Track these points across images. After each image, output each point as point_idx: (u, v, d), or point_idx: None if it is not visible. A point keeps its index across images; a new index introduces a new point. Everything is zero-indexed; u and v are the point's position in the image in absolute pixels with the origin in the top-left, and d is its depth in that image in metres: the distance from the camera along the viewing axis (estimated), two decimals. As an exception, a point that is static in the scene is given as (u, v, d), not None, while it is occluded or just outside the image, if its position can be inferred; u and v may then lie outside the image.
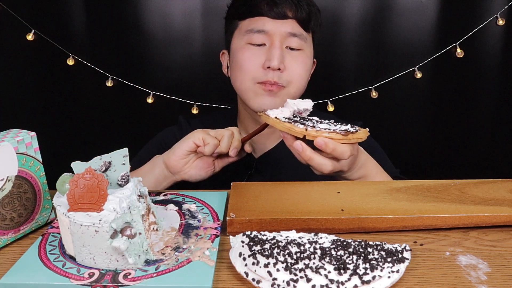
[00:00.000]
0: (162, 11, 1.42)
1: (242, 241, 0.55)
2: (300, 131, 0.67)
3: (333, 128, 0.69)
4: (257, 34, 0.92)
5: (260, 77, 0.92)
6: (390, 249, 0.53)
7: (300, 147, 0.68)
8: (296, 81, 0.94)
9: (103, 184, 0.52)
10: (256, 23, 0.92)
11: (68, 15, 1.41)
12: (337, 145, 0.67)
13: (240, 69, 0.94)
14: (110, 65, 1.45)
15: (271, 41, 0.92)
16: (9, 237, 0.62)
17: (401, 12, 1.42)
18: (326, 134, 0.66)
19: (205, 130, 0.81)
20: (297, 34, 0.92)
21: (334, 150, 0.67)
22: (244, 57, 0.93)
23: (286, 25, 0.92)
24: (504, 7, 1.41)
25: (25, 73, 1.45)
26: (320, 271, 0.48)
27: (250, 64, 0.93)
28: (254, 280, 0.50)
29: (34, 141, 0.64)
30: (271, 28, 0.91)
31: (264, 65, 0.91)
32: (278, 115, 0.72)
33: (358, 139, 0.69)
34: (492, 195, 0.69)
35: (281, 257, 0.50)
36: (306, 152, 0.68)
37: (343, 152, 0.68)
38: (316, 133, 0.66)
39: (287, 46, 0.93)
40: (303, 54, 0.94)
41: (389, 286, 0.49)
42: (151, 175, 0.85)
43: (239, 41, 0.95)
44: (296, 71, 0.93)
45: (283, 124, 0.69)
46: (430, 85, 1.50)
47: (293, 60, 0.93)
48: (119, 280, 0.50)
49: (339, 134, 0.67)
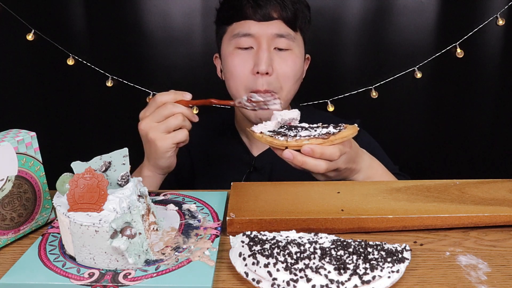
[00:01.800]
0: (162, 11, 1.42)
1: (242, 241, 0.55)
2: (280, 143, 0.68)
3: (313, 134, 0.69)
4: (244, 38, 0.92)
5: (252, 85, 0.91)
6: (390, 249, 0.53)
7: (290, 154, 0.68)
8: (285, 84, 0.93)
9: (103, 184, 0.52)
10: (242, 27, 0.92)
11: (68, 15, 1.41)
12: (324, 149, 0.67)
13: (231, 76, 0.95)
14: (110, 65, 1.45)
15: (258, 44, 0.91)
16: (9, 237, 0.62)
17: (401, 12, 1.42)
18: (306, 142, 0.67)
19: (158, 137, 0.79)
20: (284, 35, 0.92)
21: (322, 154, 0.68)
22: (234, 63, 0.93)
23: (272, 26, 0.91)
24: (504, 7, 1.41)
25: (25, 73, 1.45)
26: (320, 271, 0.48)
27: (239, 70, 0.92)
28: (254, 280, 0.50)
29: (34, 141, 0.64)
30: (257, 31, 0.91)
31: (253, 70, 0.91)
32: (263, 129, 0.73)
33: (343, 139, 0.69)
34: (492, 195, 0.69)
35: (281, 257, 0.50)
36: (297, 158, 0.68)
37: (331, 154, 0.68)
38: (296, 143, 0.67)
39: (275, 47, 0.92)
40: (292, 54, 0.94)
41: (389, 286, 0.49)
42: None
43: (228, 47, 0.95)
44: (284, 73, 0.92)
45: (265, 139, 0.70)
46: (430, 85, 1.49)
47: (282, 61, 0.92)
48: (119, 280, 0.50)
49: (319, 138, 0.68)
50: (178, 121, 0.78)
